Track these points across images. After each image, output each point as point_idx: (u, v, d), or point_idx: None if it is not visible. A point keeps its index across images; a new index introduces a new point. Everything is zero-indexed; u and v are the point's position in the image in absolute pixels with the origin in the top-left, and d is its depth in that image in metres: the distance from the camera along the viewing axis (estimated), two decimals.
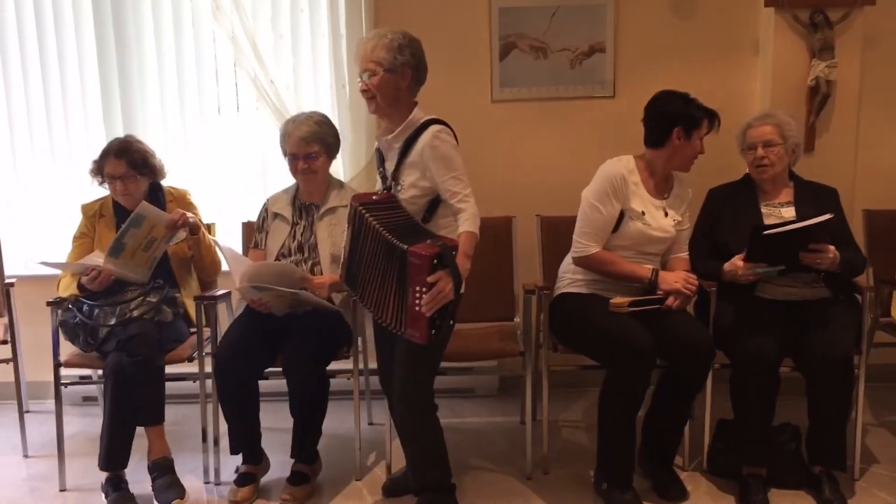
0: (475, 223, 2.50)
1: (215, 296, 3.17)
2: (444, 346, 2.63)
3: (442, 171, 2.50)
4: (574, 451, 3.32)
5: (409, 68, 2.55)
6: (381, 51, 2.52)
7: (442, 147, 2.50)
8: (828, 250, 2.77)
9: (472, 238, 2.49)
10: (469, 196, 2.52)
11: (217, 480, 3.10)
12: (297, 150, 3.05)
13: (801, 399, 2.83)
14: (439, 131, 2.52)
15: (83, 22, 3.85)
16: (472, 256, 2.49)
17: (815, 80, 3.60)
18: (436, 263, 2.33)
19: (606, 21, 3.77)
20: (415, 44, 2.57)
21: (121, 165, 3.13)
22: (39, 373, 3.71)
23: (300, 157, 3.05)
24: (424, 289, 2.32)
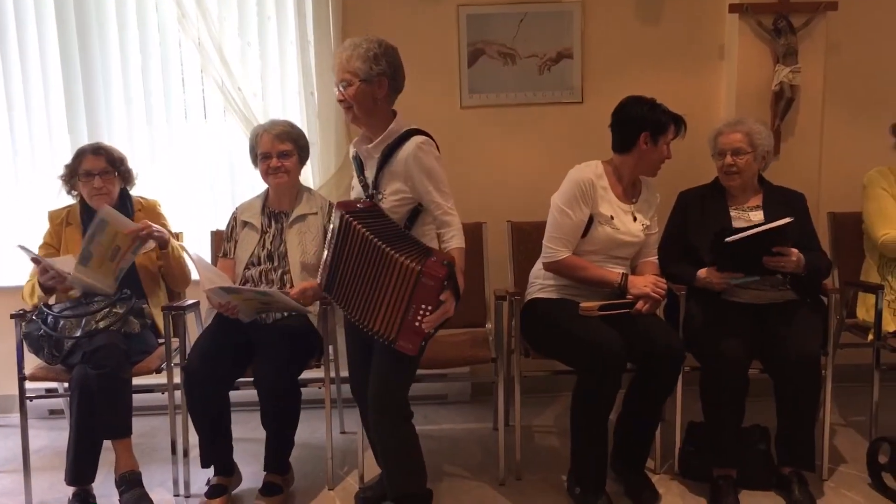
0: (462, 238, 2.55)
1: (183, 306, 3.13)
2: (422, 355, 2.61)
3: (427, 184, 2.51)
4: (547, 457, 3.32)
5: (386, 78, 2.53)
6: (357, 61, 2.51)
7: (426, 160, 2.50)
8: (790, 254, 2.81)
9: (462, 253, 2.54)
10: (453, 209, 2.55)
11: (187, 493, 3.06)
12: (270, 148, 3.04)
13: (770, 401, 2.87)
14: (423, 143, 2.51)
15: (46, 28, 3.79)
16: (464, 272, 2.52)
17: (780, 84, 3.65)
18: (446, 285, 2.34)
19: (573, 27, 3.79)
20: (391, 52, 2.55)
21: (100, 161, 3.13)
22: (4, 386, 3.66)
23: (273, 155, 3.04)
24: (430, 307, 2.32)
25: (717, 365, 2.82)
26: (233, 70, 3.68)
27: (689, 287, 2.98)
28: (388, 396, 2.56)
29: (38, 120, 3.87)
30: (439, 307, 2.33)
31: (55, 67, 3.82)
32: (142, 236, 3.01)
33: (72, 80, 3.82)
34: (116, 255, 3.00)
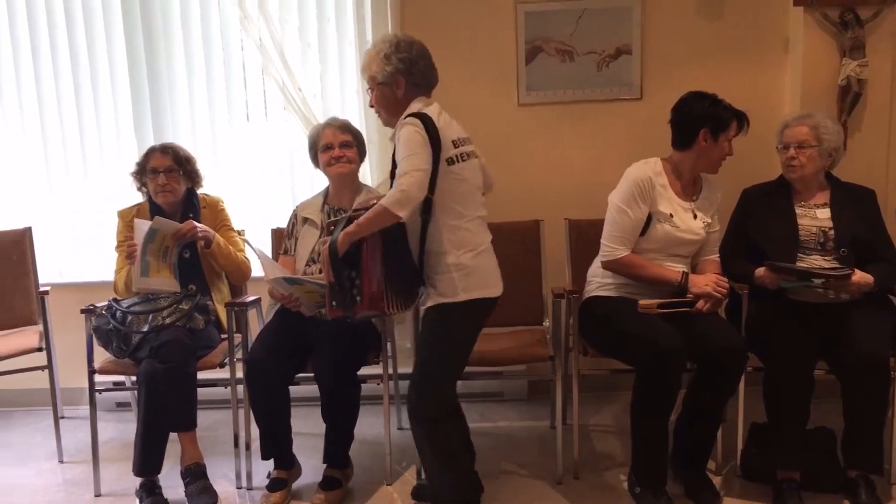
0: (390, 197, 2.35)
1: (246, 302, 3.20)
2: (451, 351, 2.59)
3: (398, 155, 2.42)
4: (604, 456, 3.30)
5: (401, 75, 2.52)
6: (372, 65, 2.55)
7: (400, 133, 2.43)
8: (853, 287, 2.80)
9: (378, 210, 2.37)
10: (406, 173, 2.35)
11: (249, 485, 3.12)
12: (332, 139, 3.10)
13: (837, 402, 2.80)
14: (404, 122, 2.44)
15: (114, 33, 3.90)
16: (362, 226, 2.40)
17: (846, 79, 3.56)
18: (332, 229, 2.42)
19: (633, 23, 3.75)
20: (404, 47, 2.52)
21: (166, 159, 3.23)
22: (74, 379, 3.76)
23: (335, 145, 3.09)
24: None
25: (781, 365, 2.76)
26: (293, 71, 3.73)
27: (751, 286, 2.93)
28: (414, 396, 2.56)
29: (106, 122, 3.98)
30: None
31: (122, 71, 3.93)
32: (187, 237, 3.11)
33: (138, 83, 3.92)
34: (167, 254, 3.11)
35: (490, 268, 2.61)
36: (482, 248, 2.58)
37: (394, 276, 2.50)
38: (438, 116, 2.50)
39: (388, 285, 2.49)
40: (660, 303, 2.81)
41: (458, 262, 2.51)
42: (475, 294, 2.53)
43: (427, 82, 2.58)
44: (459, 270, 2.51)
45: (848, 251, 2.90)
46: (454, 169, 2.50)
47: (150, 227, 3.02)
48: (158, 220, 3.05)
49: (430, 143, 2.41)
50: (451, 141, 2.51)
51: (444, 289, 2.51)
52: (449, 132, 2.51)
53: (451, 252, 2.51)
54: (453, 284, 2.50)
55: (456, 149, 2.52)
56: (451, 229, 2.51)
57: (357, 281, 2.45)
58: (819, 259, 2.92)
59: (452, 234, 2.51)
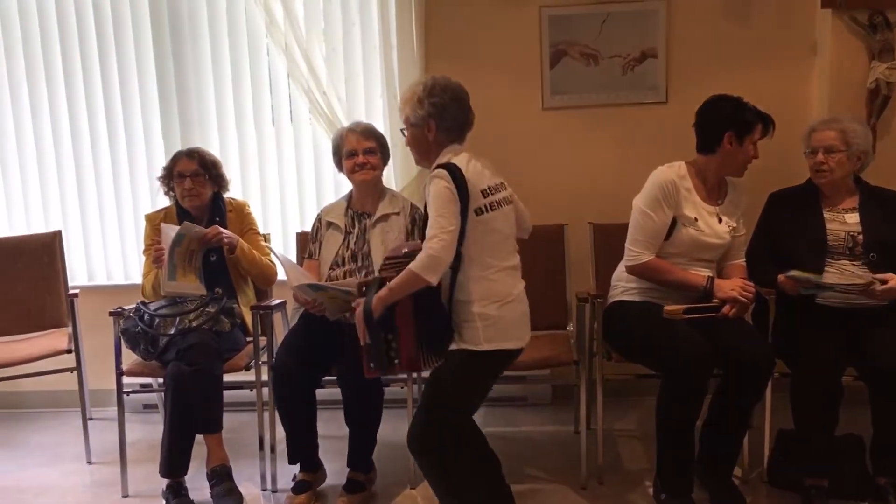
0: (420, 262, 2.36)
1: (271, 305, 3.22)
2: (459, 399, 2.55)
3: (429, 213, 2.44)
4: (629, 461, 3.29)
5: (432, 119, 2.52)
6: (406, 106, 2.56)
7: (430, 188, 2.44)
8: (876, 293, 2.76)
9: (408, 275, 2.38)
10: (436, 236, 2.36)
11: (274, 488, 3.14)
12: (356, 145, 3.11)
13: (865, 408, 2.77)
14: (434, 175, 2.45)
15: (142, 39, 3.95)
16: (395, 291, 2.40)
17: (875, 82, 3.52)
18: (364, 290, 2.43)
19: (658, 26, 3.73)
20: (437, 91, 2.51)
21: (192, 164, 3.26)
22: (102, 381, 3.81)
23: (359, 152, 3.10)
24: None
25: (809, 371, 2.73)
26: (318, 75, 3.76)
27: (778, 291, 2.90)
28: (422, 434, 2.54)
29: (134, 126, 4.03)
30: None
31: (150, 76, 3.98)
32: (212, 242, 3.13)
33: (166, 89, 3.97)
34: (192, 259, 3.13)
35: (515, 319, 2.58)
36: (509, 300, 2.55)
37: (428, 336, 2.50)
38: (467, 165, 2.48)
39: (422, 345, 2.49)
40: (685, 308, 2.79)
41: (483, 311, 2.49)
42: (497, 345, 2.51)
43: (458, 127, 2.56)
44: (484, 321, 2.49)
45: (878, 256, 2.87)
46: (483, 219, 2.48)
47: (178, 231, 3.05)
48: (186, 225, 3.08)
49: (459, 194, 2.41)
50: (479, 191, 2.48)
51: (468, 336, 2.49)
52: (478, 181, 2.48)
53: (476, 302, 2.48)
54: (477, 334, 2.48)
55: (485, 198, 2.50)
56: (478, 280, 2.49)
57: (394, 343, 2.45)
58: (848, 264, 2.89)
59: (479, 285, 2.49)
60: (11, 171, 4.11)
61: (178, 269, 3.09)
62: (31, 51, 4.00)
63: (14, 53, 4.01)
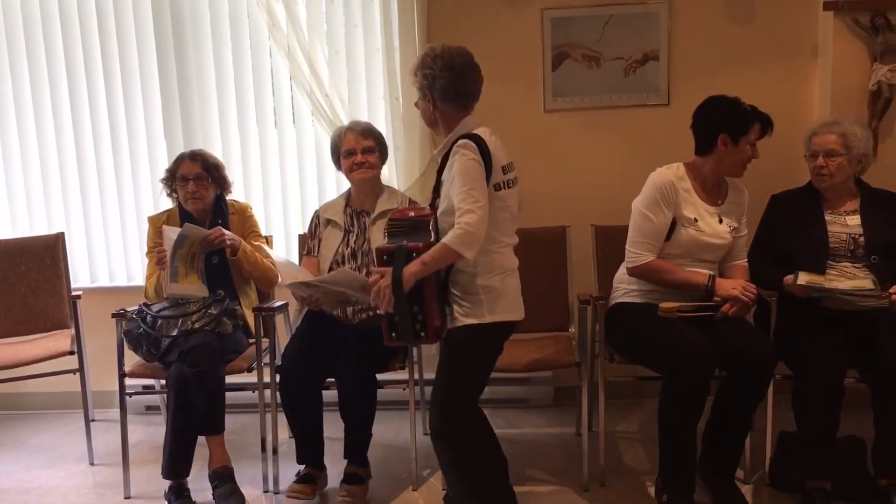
0: (457, 237, 2.34)
1: (273, 307, 3.22)
2: (477, 377, 2.59)
3: (455, 187, 2.40)
4: (631, 463, 3.29)
5: (427, 90, 2.53)
6: (411, 78, 2.59)
7: (460, 161, 2.41)
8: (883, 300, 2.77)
9: (442, 250, 2.37)
10: (471, 210, 2.34)
11: (276, 489, 3.14)
12: (354, 144, 3.13)
13: (868, 410, 2.77)
14: (459, 146, 2.42)
15: (145, 40, 3.96)
16: (429, 265, 2.38)
17: (877, 84, 3.51)
18: (385, 259, 2.37)
19: (660, 28, 3.74)
20: (429, 62, 2.51)
21: (195, 166, 3.26)
22: (104, 382, 3.82)
23: (358, 151, 3.12)
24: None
25: (811, 373, 2.73)
26: (321, 77, 3.76)
27: (780, 292, 2.90)
28: (444, 424, 2.54)
29: (137, 128, 4.04)
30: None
31: (153, 78, 3.99)
32: (214, 243, 3.13)
33: (169, 90, 3.98)
34: (194, 260, 3.13)
35: (516, 292, 2.61)
36: (509, 273, 2.58)
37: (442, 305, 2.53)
38: (490, 139, 2.49)
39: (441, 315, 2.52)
40: (680, 306, 2.80)
41: (488, 283, 2.51)
42: (501, 317, 2.54)
43: (455, 96, 2.53)
44: (488, 293, 2.50)
45: (879, 258, 2.87)
46: (500, 195, 2.50)
47: (180, 233, 3.06)
48: (188, 226, 3.08)
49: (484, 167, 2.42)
50: (501, 166, 2.50)
51: (472, 310, 2.50)
52: (500, 157, 2.50)
53: (481, 274, 2.50)
54: (482, 306, 2.50)
55: (504, 175, 2.52)
56: (484, 252, 2.47)
57: (420, 316, 2.43)
58: (849, 266, 2.89)
59: (484, 257, 2.49)
60: (14, 172, 4.12)
61: (179, 271, 3.10)
62: (34, 53, 4.02)
63: (17, 55, 4.03)
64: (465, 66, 2.53)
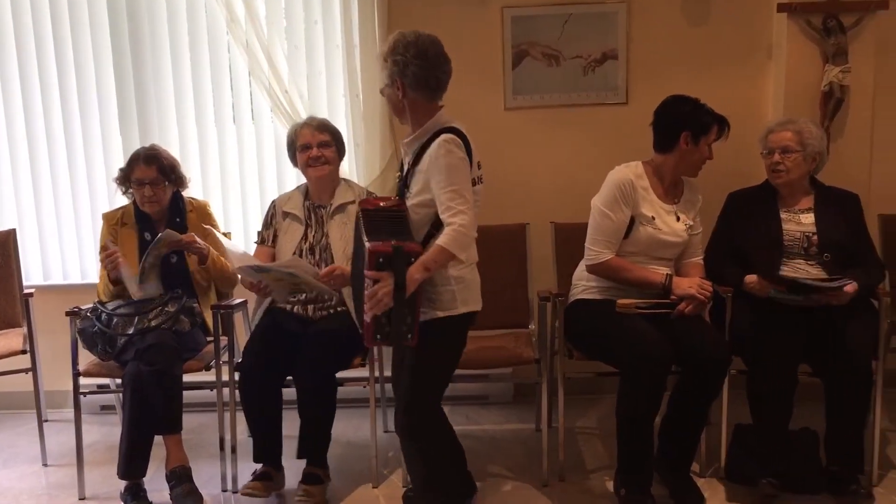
0: (453, 240, 2.34)
1: (232, 304, 3.20)
2: (446, 370, 2.59)
3: (440, 183, 2.38)
4: (590, 458, 3.32)
5: (396, 77, 2.47)
6: (379, 63, 2.55)
7: (444, 158, 2.38)
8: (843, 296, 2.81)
9: (441, 252, 2.34)
10: (463, 211, 2.35)
11: (235, 488, 3.10)
12: (310, 139, 3.12)
13: (819, 404, 2.84)
14: (445, 140, 2.40)
15: (99, 32, 3.88)
16: (431, 270, 2.35)
17: (829, 85, 3.59)
18: (381, 262, 2.27)
19: (619, 28, 3.77)
20: (399, 48, 2.46)
21: (151, 171, 3.18)
22: (58, 382, 3.75)
23: (313, 145, 3.10)
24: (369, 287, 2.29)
25: (764, 368, 2.80)
26: (280, 73, 3.73)
27: (735, 289, 2.95)
28: (412, 419, 2.53)
29: (91, 123, 3.96)
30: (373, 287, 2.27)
31: (108, 72, 3.91)
32: (183, 247, 3.10)
33: (124, 85, 3.90)
34: (159, 257, 3.11)
35: (478, 282, 2.62)
36: (474, 263, 2.60)
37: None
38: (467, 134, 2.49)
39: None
40: (637, 303, 2.83)
41: (459, 274, 2.51)
42: (471, 307, 2.55)
43: (425, 85, 2.49)
44: (459, 283, 2.51)
45: (831, 256, 2.94)
46: (475, 189, 2.50)
47: (160, 236, 3.02)
48: (169, 232, 3.04)
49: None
50: (476, 162, 2.51)
51: (443, 301, 2.49)
52: (474, 152, 2.50)
53: (454, 265, 2.49)
54: (454, 297, 2.49)
55: (479, 170, 2.53)
56: None
57: (409, 319, 2.37)
58: (803, 264, 2.95)
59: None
60: None
61: (146, 271, 3.05)
62: None
63: None
64: (438, 55, 2.51)
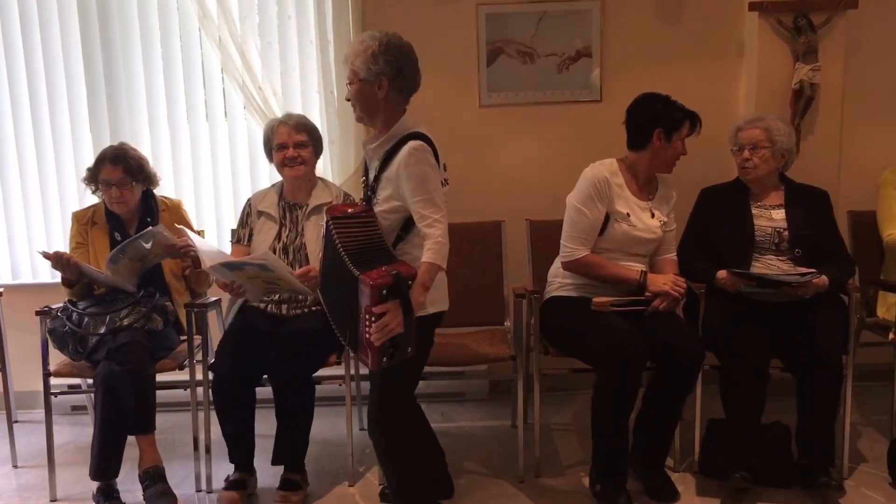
0: (440, 253, 2.35)
1: (206, 303, 3.16)
2: (416, 369, 2.59)
3: (413, 192, 2.37)
4: (566, 454, 3.33)
5: (385, 77, 2.44)
6: (358, 59, 2.46)
7: (416, 166, 2.37)
8: (811, 286, 2.84)
9: (433, 269, 2.36)
10: (439, 221, 2.36)
11: (209, 488, 3.08)
12: (286, 139, 3.08)
13: (791, 398, 2.87)
14: (416, 148, 2.38)
15: (69, 27, 3.83)
16: (428, 287, 2.36)
17: (799, 83, 3.63)
18: (385, 294, 2.25)
19: (593, 26, 3.79)
20: (394, 49, 2.44)
21: (117, 172, 3.13)
22: (28, 382, 3.70)
23: (290, 145, 3.07)
24: (373, 318, 2.25)
25: (737, 363, 2.83)
26: (253, 69, 3.70)
27: (709, 285, 2.98)
28: (387, 417, 2.52)
29: (61, 120, 3.91)
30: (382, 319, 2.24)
31: (77, 67, 3.86)
32: (179, 252, 3.04)
33: (94, 81, 3.86)
34: (145, 259, 3.04)
35: (445, 282, 2.60)
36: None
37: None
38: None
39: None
40: (613, 301, 2.85)
41: None
42: (439, 307, 2.55)
43: (410, 88, 2.51)
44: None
45: (802, 251, 2.97)
46: (444, 190, 2.49)
47: (153, 230, 2.96)
48: (163, 228, 2.98)
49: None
50: (443, 164, 2.51)
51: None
52: (440, 156, 2.49)
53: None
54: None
55: (445, 172, 2.52)
56: (420, 246, 2.43)
57: (410, 336, 2.36)
58: (774, 259, 2.99)
59: (421, 251, 2.43)
60: None
61: (122, 260, 2.98)
62: None
63: None
64: (416, 60, 2.52)
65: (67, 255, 3.00)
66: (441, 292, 2.56)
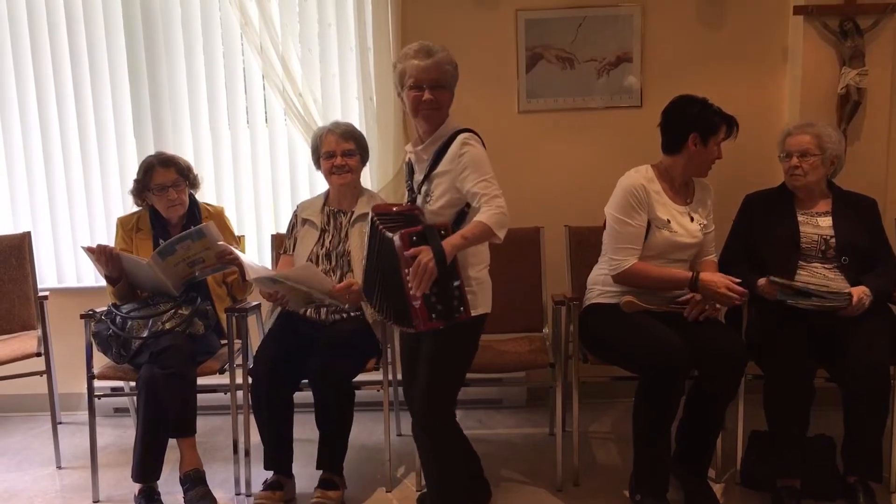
0: (495, 218, 2.35)
1: (246, 308, 3.19)
2: (461, 371, 2.60)
3: (472, 176, 2.42)
4: (604, 463, 3.30)
5: (453, 85, 2.58)
6: (448, 66, 2.53)
7: (472, 151, 2.45)
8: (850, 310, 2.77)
9: (481, 227, 2.34)
10: (496, 197, 2.39)
11: (248, 492, 3.11)
12: (334, 147, 3.10)
13: (837, 410, 2.80)
14: (467, 137, 2.48)
15: (114, 35, 3.90)
16: (469, 240, 2.34)
17: (846, 87, 3.56)
18: (415, 240, 2.28)
19: (633, 31, 3.76)
20: (453, 58, 2.58)
21: (170, 173, 3.18)
22: (72, 385, 3.76)
23: (338, 153, 3.10)
24: (409, 269, 2.25)
25: (781, 373, 2.77)
26: (294, 76, 3.74)
27: (751, 293, 2.93)
28: (431, 418, 2.53)
29: (106, 127, 3.97)
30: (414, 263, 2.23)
31: (123, 76, 3.92)
32: (227, 260, 3.04)
33: (139, 88, 3.92)
34: (196, 265, 3.05)
35: (490, 285, 2.61)
36: (487, 266, 2.60)
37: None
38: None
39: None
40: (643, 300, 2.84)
41: (478, 275, 2.53)
42: (484, 309, 2.56)
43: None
44: (479, 284, 2.53)
45: (849, 259, 2.91)
46: None
47: (202, 227, 2.97)
48: (212, 225, 3.00)
49: None
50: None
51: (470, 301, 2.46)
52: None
53: (473, 266, 2.51)
54: (474, 298, 2.49)
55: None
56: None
57: (458, 292, 2.35)
58: (820, 267, 2.93)
59: (477, 249, 2.49)
60: None
61: (174, 255, 2.98)
62: (1, 51, 3.93)
63: None
64: None
65: (110, 247, 3.03)
66: (486, 294, 2.57)
